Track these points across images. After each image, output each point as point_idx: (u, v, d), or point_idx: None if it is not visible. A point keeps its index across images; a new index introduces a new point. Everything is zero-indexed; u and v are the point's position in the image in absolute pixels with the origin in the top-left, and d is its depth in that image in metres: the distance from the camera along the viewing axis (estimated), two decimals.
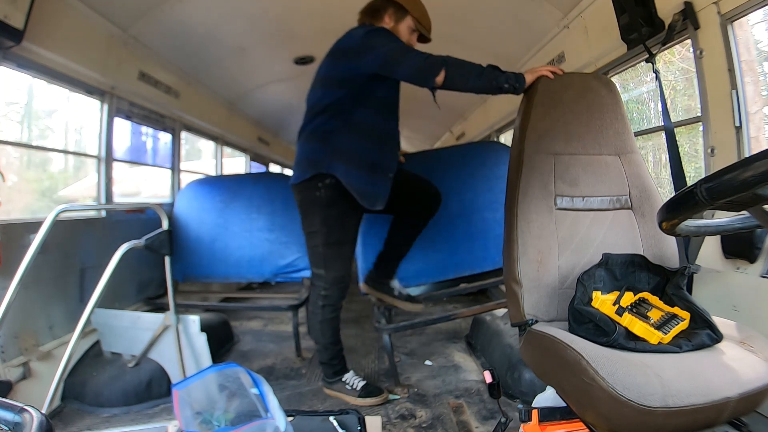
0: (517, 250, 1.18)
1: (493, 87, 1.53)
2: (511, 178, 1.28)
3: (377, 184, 1.85)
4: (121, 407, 1.99)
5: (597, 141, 1.29)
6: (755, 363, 0.88)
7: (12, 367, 1.84)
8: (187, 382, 1.24)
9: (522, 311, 1.15)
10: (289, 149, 7.02)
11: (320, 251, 1.93)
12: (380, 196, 1.86)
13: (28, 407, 0.53)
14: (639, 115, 2.60)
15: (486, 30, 2.94)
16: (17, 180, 2.57)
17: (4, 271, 1.75)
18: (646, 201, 1.25)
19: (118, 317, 2.14)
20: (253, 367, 2.43)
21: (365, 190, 1.84)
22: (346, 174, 1.83)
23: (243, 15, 2.78)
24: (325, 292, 1.96)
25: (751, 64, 1.54)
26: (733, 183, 0.56)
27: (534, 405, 1.14)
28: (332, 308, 1.98)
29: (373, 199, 1.85)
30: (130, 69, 2.68)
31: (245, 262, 2.86)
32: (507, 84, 1.48)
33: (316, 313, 2.00)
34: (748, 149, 1.50)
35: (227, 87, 3.95)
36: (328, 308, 1.98)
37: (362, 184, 1.83)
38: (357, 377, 2.02)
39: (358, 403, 1.94)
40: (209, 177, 3.81)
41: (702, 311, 0.98)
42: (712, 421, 0.83)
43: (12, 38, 1.78)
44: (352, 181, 1.83)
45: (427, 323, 2.09)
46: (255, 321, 3.33)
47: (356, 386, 1.99)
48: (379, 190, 1.85)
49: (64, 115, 2.74)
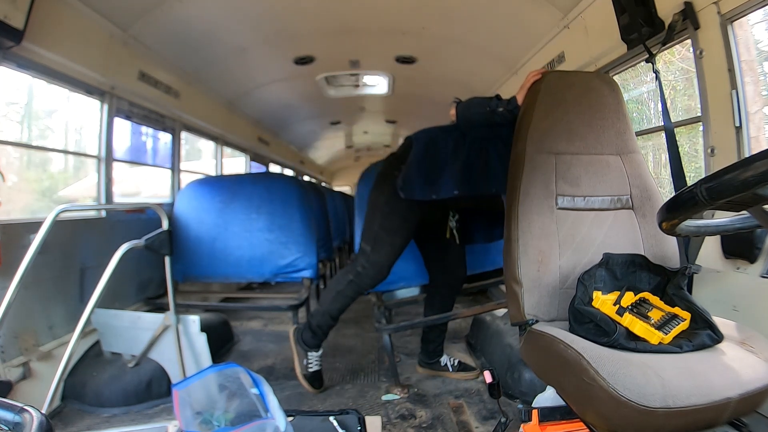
0: (518, 250, 1.18)
1: (488, 112, 1.61)
2: (512, 177, 1.28)
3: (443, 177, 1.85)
4: (121, 407, 1.99)
5: (599, 141, 1.29)
6: (755, 363, 0.88)
7: (12, 367, 1.84)
8: (187, 382, 1.24)
9: (522, 311, 1.15)
10: (289, 149, 7.02)
11: (375, 229, 1.95)
12: (444, 185, 1.82)
13: (28, 407, 0.53)
14: (639, 115, 2.60)
15: (486, 30, 2.94)
16: (17, 180, 2.57)
17: (4, 271, 1.74)
18: (647, 201, 1.25)
19: (118, 317, 2.14)
20: (253, 367, 2.42)
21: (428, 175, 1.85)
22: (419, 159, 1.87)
23: (243, 15, 2.78)
24: (362, 269, 1.96)
25: (751, 64, 1.54)
26: (733, 183, 0.56)
27: (534, 405, 1.14)
28: (356, 288, 1.99)
29: (437, 188, 1.83)
30: (130, 69, 2.68)
31: (245, 262, 2.86)
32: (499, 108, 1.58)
33: (340, 282, 2.02)
34: (748, 149, 1.50)
35: (227, 87, 3.95)
36: (353, 285, 1.98)
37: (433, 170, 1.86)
38: (315, 363, 2.07)
39: (297, 372, 2.05)
40: (209, 177, 3.81)
41: (702, 311, 0.98)
42: (712, 422, 0.83)
43: (12, 38, 1.78)
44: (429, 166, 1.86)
45: (427, 323, 2.09)
46: (255, 321, 3.33)
47: (309, 366, 2.06)
48: (445, 180, 1.83)
49: (64, 115, 2.74)
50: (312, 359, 2.06)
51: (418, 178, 1.85)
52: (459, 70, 3.65)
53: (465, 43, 3.14)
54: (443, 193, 1.81)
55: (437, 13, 1.95)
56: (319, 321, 2.04)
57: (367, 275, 1.96)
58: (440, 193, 1.82)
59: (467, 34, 3.03)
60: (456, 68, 3.59)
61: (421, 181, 1.85)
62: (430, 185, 1.83)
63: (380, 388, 2.13)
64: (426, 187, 1.84)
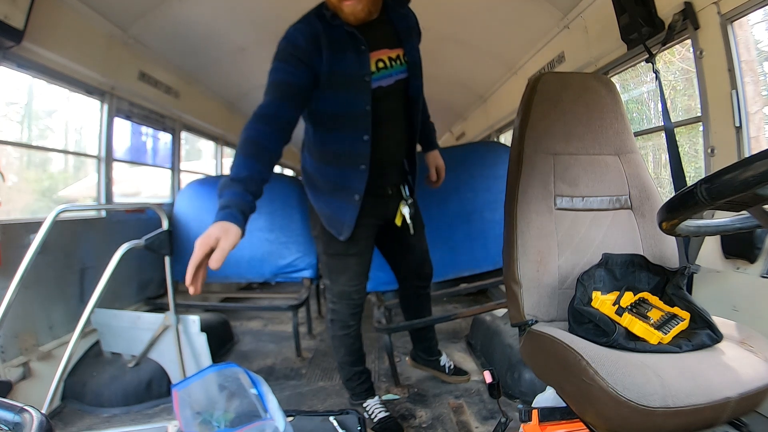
0: (517, 251, 1.18)
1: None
2: (511, 178, 1.28)
3: (341, 209, 1.61)
4: (121, 407, 1.99)
5: (597, 141, 1.29)
6: (755, 363, 0.88)
7: (12, 367, 1.84)
8: (187, 382, 1.24)
9: (522, 311, 1.15)
10: (289, 149, 7.00)
11: (323, 260, 1.76)
12: (345, 224, 1.61)
13: (28, 407, 0.53)
14: (639, 115, 2.60)
15: (486, 30, 2.94)
16: (17, 180, 2.57)
17: (4, 271, 1.75)
18: (646, 201, 1.25)
19: (118, 317, 2.14)
20: (253, 367, 2.43)
21: (329, 217, 1.64)
22: (314, 199, 1.68)
23: (243, 15, 2.78)
24: (332, 305, 1.78)
25: (751, 64, 1.54)
26: (733, 183, 0.56)
27: (534, 405, 1.14)
28: (341, 324, 1.79)
29: (338, 227, 1.62)
30: (130, 69, 2.68)
31: (245, 262, 2.86)
32: (219, 202, 1.14)
33: (328, 327, 1.85)
34: (748, 149, 1.50)
35: (227, 87, 3.95)
36: (336, 323, 1.79)
37: (326, 210, 1.64)
38: (380, 407, 1.82)
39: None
40: (209, 177, 3.80)
41: (702, 311, 0.98)
42: (712, 422, 0.83)
43: (12, 38, 1.78)
44: (321, 207, 1.66)
45: (427, 323, 2.09)
46: (255, 321, 3.32)
47: (374, 416, 1.80)
48: (343, 216, 1.60)
49: (64, 115, 2.74)
50: (370, 408, 1.82)
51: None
52: (459, 70, 3.65)
53: (465, 43, 3.14)
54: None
55: (437, 13, 1.94)
56: (343, 374, 1.88)
57: (341, 309, 1.76)
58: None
59: (467, 34, 3.03)
60: (456, 68, 3.59)
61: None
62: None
63: (380, 388, 2.13)
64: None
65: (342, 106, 1.50)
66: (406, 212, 1.72)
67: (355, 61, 1.45)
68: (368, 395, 1.86)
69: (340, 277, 1.72)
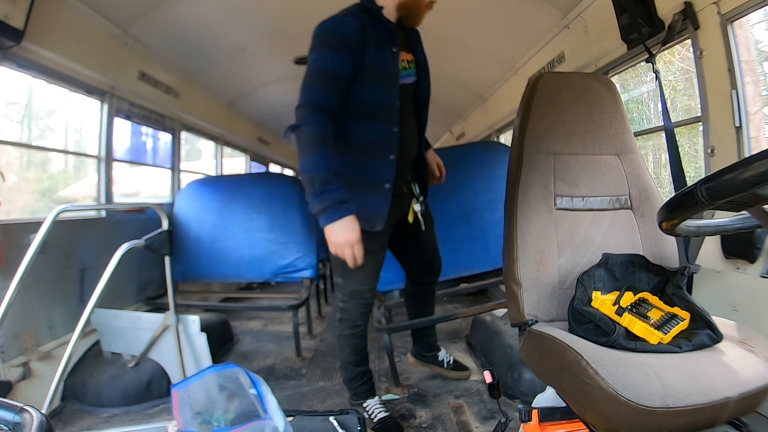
0: (517, 251, 1.18)
1: (312, 192, 1.41)
2: (511, 178, 1.28)
3: (372, 201, 1.60)
4: (121, 407, 1.99)
5: (597, 141, 1.29)
6: (755, 363, 0.88)
7: (12, 367, 1.84)
8: (187, 382, 1.25)
9: (522, 311, 1.15)
10: (289, 149, 7.02)
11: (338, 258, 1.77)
12: (377, 215, 1.60)
13: (28, 407, 0.53)
14: (639, 115, 2.60)
15: (486, 30, 2.94)
16: (17, 180, 2.57)
17: (4, 271, 1.75)
18: (645, 201, 1.25)
19: (118, 317, 2.14)
20: (253, 368, 2.43)
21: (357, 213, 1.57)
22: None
23: (243, 15, 2.78)
24: (342, 304, 1.77)
25: (751, 64, 1.54)
26: (733, 183, 0.56)
27: (534, 405, 1.14)
28: (350, 324, 1.78)
29: (371, 219, 1.59)
30: (130, 69, 2.68)
31: (245, 262, 2.86)
32: (323, 202, 1.38)
33: (335, 326, 1.85)
34: (748, 149, 1.50)
35: (227, 87, 3.95)
36: (345, 323, 1.78)
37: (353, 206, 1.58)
38: (380, 407, 1.82)
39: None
40: (209, 177, 3.81)
41: (702, 311, 0.98)
42: (712, 421, 0.83)
43: (12, 38, 1.78)
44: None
45: (427, 323, 2.09)
46: (255, 321, 3.32)
47: (374, 416, 1.79)
48: (374, 207, 1.59)
49: (64, 115, 2.74)
50: (370, 408, 1.81)
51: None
52: (459, 70, 3.65)
53: (465, 43, 3.14)
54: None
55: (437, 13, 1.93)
56: (345, 374, 1.87)
57: (351, 308, 1.75)
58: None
59: (467, 34, 3.03)
60: (456, 68, 3.59)
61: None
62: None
63: (380, 388, 2.13)
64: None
65: (377, 98, 1.57)
66: (417, 209, 1.78)
67: (390, 57, 1.56)
68: (369, 395, 1.87)
69: (355, 276, 1.69)
